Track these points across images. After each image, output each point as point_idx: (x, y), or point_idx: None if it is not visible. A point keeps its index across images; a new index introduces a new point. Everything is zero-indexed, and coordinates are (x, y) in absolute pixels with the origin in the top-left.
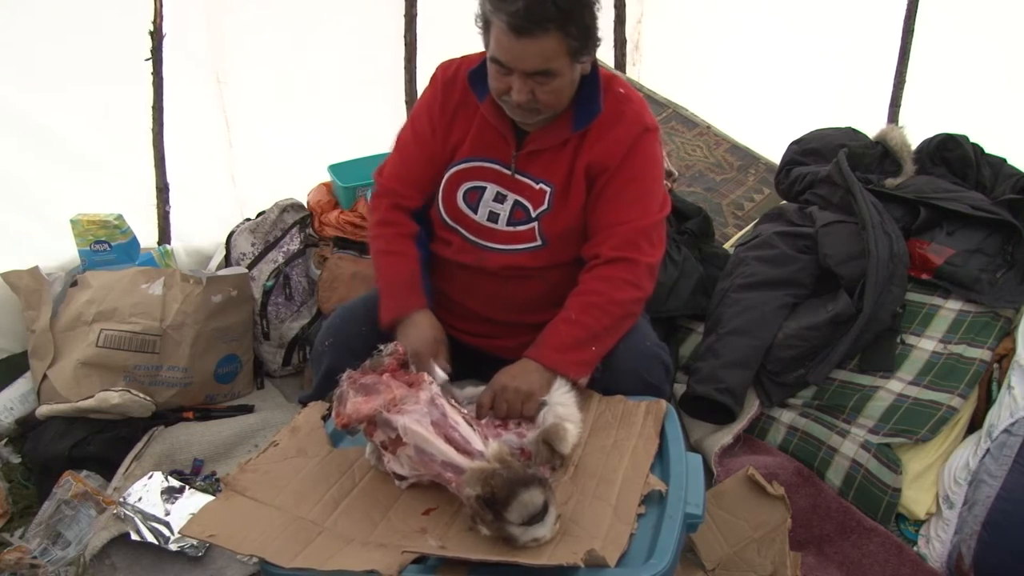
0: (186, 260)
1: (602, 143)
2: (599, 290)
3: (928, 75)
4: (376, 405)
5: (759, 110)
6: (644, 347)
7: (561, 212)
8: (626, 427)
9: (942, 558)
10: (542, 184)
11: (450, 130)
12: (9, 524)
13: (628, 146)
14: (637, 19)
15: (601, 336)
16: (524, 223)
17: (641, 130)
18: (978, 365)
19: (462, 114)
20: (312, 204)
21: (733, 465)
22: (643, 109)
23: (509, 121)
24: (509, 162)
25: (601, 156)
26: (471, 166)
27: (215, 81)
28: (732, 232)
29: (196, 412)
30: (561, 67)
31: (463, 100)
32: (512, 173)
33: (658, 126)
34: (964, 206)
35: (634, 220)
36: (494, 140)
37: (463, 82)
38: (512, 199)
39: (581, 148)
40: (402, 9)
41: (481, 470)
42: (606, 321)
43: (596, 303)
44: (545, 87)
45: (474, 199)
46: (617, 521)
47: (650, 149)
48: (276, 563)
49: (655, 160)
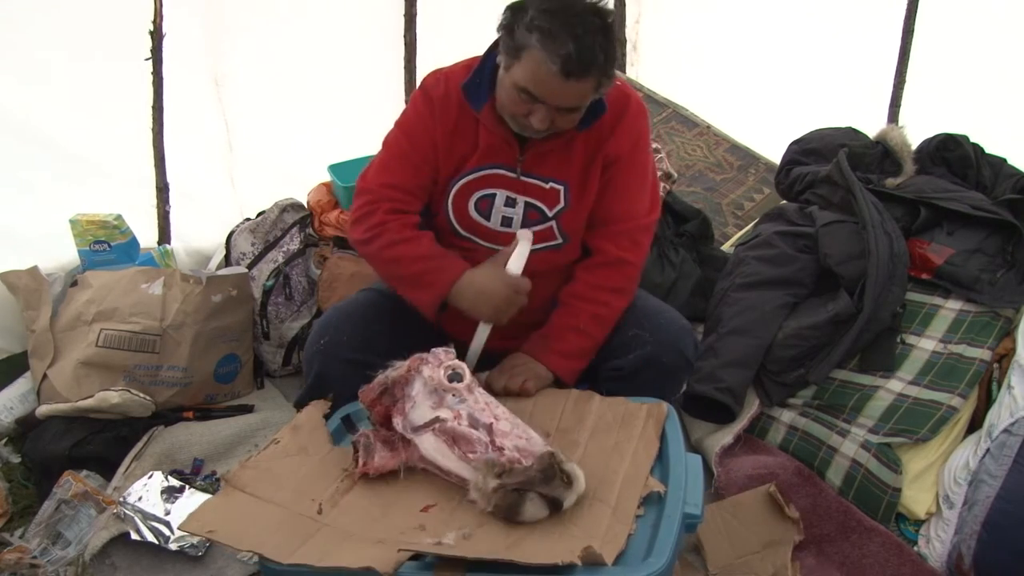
0: (186, 260)
1: (615, 134)
2: (608, 302)
3: (928, 75)
4: (403, 459)
5: (759, 110)
6: (683, 324)
7: (578, 207)
8: (627, 429)
9: (942, 558)
10: (552, 183)
11: (452, 146)
12: (9, 524)
13: (636, 135)
14: (635, 19)
15: (600, 345)
16: (539, 223)
17: (644, 120)
18: (978, 365)
19: (462, 128)
20: (312, 204)
21: (733, 465)
22: (637, 96)
23: (508, 127)
24: (515, 166)
25: (615, 147)
26: (478, 176)
27: (214, 81)
28: (732, 232)
29: (196, 412)
30: (587, 101)
31: (460, 114)
32: (518, 176)
33: (647, 109)
34: (964, 206)
35: (640, 216)
36: (497, 147)
37: (457, 96)
38: (523, 202)
39: (594, 142)
40: (402, 9)
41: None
42: (606, 332)
43: (604, 316)
44: (567, 117)
45: (485, 207)
46: (616, 522)
47: (648, 139)
48: (274, 559)
49: (649, 142)
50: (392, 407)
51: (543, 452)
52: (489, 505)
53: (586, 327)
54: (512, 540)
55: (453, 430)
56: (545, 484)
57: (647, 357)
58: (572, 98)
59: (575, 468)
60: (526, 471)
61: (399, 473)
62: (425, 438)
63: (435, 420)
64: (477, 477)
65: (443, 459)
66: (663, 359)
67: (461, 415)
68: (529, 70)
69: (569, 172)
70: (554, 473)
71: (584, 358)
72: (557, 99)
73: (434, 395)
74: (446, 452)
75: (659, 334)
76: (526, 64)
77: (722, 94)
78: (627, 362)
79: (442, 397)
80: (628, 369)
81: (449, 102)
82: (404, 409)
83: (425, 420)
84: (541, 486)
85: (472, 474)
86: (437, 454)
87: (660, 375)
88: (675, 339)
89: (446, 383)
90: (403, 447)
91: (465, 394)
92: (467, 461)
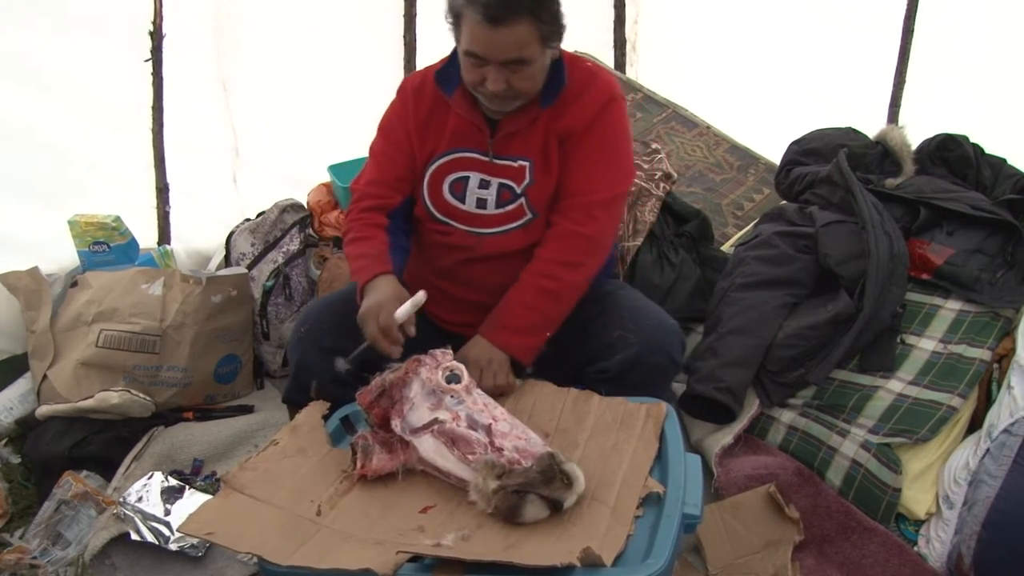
0: (186, 260)
1: (571, 109)
2: (557, 275)
3: (928, 75)
4: (402, 461)
5: (759, 110)
6: (669, 324)
7: (544, 182)
8: (626, 430)
9: (942, 558)
10: (520, 161)
11: (426, 133)
12: (9, 524)
13: (596, 111)
14: (633, 20)
15: (554, 321)
16: (512, 202)
17: (608, 98)
18: (978, 365)
19: (435, 117)
20: (312, 204)
21: (733, 465)
22: (611, 80)
23: (481, 111)
24: (487, 149)
25: (570, 121)
26: (451, 159)
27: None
28: (732, 232)
29: (196, 412)
30: (533, 54)
31: (434, 104)
32: (491, 159)
33: (625, 97)
34: (964, 206)
35: (598, 191)
36: (469, 131)
37: (432, 85)
38: (496, 183)
39: (552, 118)
40: (402, 9)
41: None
42: (560, 307)
43: (552, 290)
44: (519, 75)
45: (460, 189)
46: (615, 523)
47: (618, 117)
48: (273, 560)
49: (623, 128)
50: (390, 409)
51: (543, 453)
52: (489, 506)
53: (534, 301)
54: (511, 541)
55: (452, 431)
56: (545, 485)
57: (633, 358)
58: (510, 47)
59: (575, 468)
60: (526, 472)
61: (398, 475)
62: (424, 440)
63: (434, 421)
64: (477, 478)
65: (442, 460)
66: (649, 360)
67: (460, 416)
68: (466, 32)
69: (533, 148)
70: (554, 474)
71: (535, 334)
72: (496, 52)
73: (432, 396)
74: (445, 453)
75: (644, 335)
76: (464, 28)
77: (722, 94)
78: (612, 364)
79: (440, 399)
80: (614, 371)
81: (424, 91)
82: (402, 411)
83: (424, 422)
84: (541, 487)
85: (472, 475)
86: (436, 455)
87: (646, 376)
88: (661, 340)
89: (444, 384)
90: (402, 449)
91: (463, 395)
92: (466, 462)
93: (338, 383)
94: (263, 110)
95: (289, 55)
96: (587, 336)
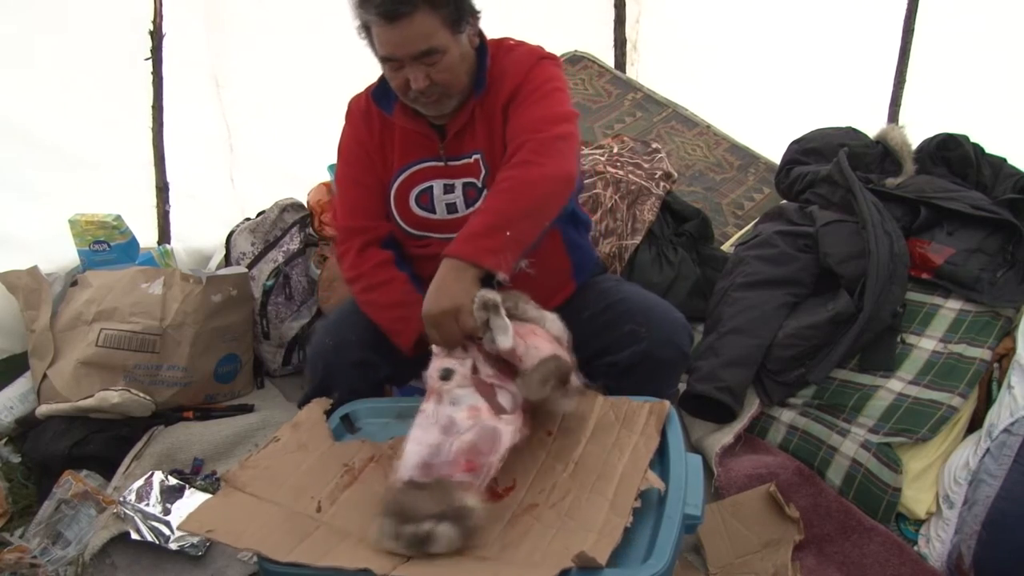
0: (186, 260)
1: (501, 83)
2: (507, 176)
3: (928, 75)
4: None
5: (759, 110)
6: (678, 318)
7: (499, 165)
8: (628, 427)
9: (942, 558)
10: (473, 156)
11: (383, 154)
12: (9, 524)
13: (525, 72)
14: (635, 19)
15: (516, 220)
16: (479, 198)
17: (536, 58)
18: (978, 365)
19: (387, 136)
20: (312, 204)
21: (733, 465)
22: (537, 47)
23: (424, 120)
24: (439, 155)
25: (503, 94)
26: (409, 173)
27: (215, 81)
28: (732, 231)
29: (196, 412)
30: (444, 42)
31: (382, 124)
32: (445, 163)
33: (556, 57)
34: (964, 206)
35: (542, 131)
36: (419, 142)
37: (374, 106)
38: (459, 184)
39: (488, 102)
40: None
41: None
42: (521, 203)
43: (505, 188)
44: (437, 67)
45: (427, 200)
46: (613, 515)
47: (549, 69)
48: (272, 557)
49: (555, 76)
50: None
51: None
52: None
53: (487, 205)
54: (510, 540)
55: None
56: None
57: (643, 352)
58: (416, 39)
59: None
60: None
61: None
62: None
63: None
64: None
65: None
66: (659, 354)
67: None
68: (375, 39)
69: (480, 139)
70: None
71: (493, 234)
72: (404, 47)
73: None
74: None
75: (654, 329)
76: (373, 36)
77: (722, 93)
78: (622, 357)
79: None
80: (623, 364)
81: (370, 114)
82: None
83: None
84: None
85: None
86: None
87: (656, 370)
88: (671, 333)
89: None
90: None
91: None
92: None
93: (357, 395)
94: (263, 109)
95: (282, 50)
96: (596, 330)
